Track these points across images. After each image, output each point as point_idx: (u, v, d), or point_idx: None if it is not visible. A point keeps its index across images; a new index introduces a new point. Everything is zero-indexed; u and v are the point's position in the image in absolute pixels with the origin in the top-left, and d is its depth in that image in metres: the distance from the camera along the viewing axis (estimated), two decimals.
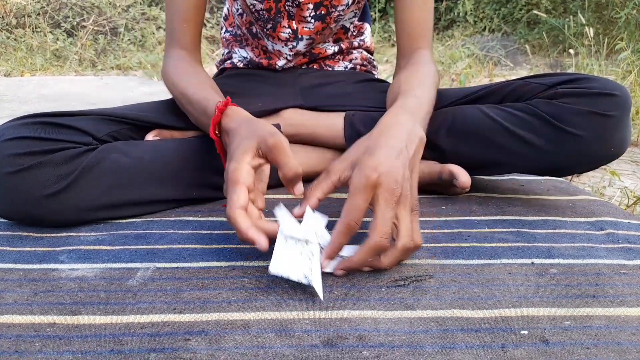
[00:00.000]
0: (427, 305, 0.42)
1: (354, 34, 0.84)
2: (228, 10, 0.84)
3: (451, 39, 3.17)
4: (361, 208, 0.45)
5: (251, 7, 0.74)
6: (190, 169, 0.62)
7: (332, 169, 0.49)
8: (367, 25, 0.86)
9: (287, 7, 0.73)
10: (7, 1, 3.27)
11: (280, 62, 0.79)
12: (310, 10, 0.74)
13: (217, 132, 0.54)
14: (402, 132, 0.49)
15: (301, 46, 0.77)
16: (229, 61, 0.85)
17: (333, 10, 0.74)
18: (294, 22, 0.75)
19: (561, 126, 0.59)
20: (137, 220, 0.59)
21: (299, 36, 0.75)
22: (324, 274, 0.46)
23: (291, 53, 0.78)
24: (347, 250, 0.48)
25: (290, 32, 0.75)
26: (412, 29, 0.70)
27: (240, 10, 0.79)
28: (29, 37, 3.04)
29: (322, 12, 0.74)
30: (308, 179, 0.73)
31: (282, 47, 0.77)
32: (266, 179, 0.51)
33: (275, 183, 0.62)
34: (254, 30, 0.79)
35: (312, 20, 0.74)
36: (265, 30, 0.76)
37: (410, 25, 0.70)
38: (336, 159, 0.50)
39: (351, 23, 0.82)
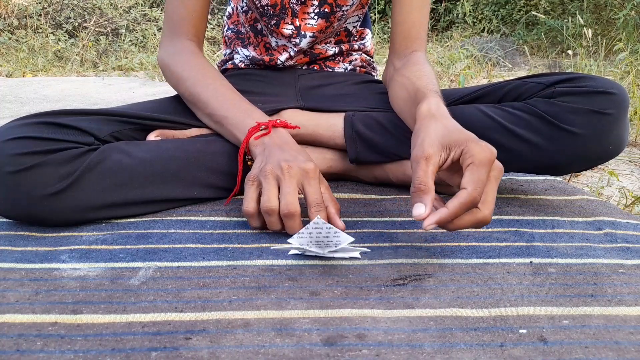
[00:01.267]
0: (426, 304, 0.43)
1: (355, 38, 0.85)
2: (232, 9, 0.85)
3: (450, 40, 3.17)
4: (485, 181, 0.45)
5: (256, 2, 0.74)
6: (192, 169, 0.62)
7: (428, 156, 0.46)
8: (367, 31, 0.87)
9: (291, 4, 0.74)
10: (8, 2, 3.27)
11: (282, 57, 0.79)
12: (314, 7, 0.74)
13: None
14: None
15: (304, 43, 0.77)
16: (230, 62, 0.85)
17: (338, 9, 0.75)
18: (297, 19, 0.75)
19: (559, 124, 0.59)
20: (139, 219, 0.60)
21: (302, 32, 0.76)
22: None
23: (295, 49, 0.78)
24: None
25: (294, 28, 0.76)
26: (409, 31, 0.71)
27: (245, 7, 0.79)
28: (30, 38, 3.05)
29: (326, 9, 0.74)
30: None
31: (286, 42, 0.78)
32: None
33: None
34: (259, 27, 0.80)
35: (316, 17, 0.75)
36: (269, 26, 0.77)
37: (408, 28, 0.71)
38: (416, 145, 0.48)
39: (354, 27, 0.82)
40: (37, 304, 0.42)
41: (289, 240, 0.48)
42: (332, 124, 0.70)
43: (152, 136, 0.65)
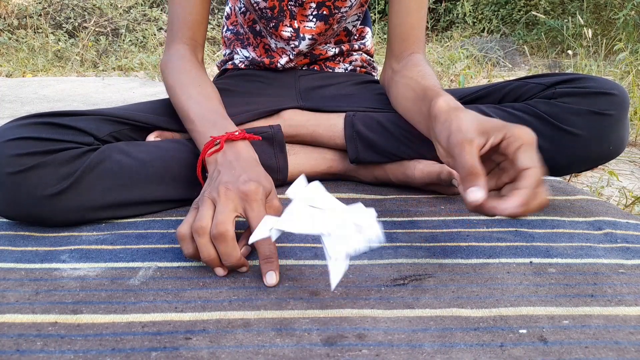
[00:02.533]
0: (426, 304, 0.43)
1: (356, 37, 0.85)
2: (230, 9, 0.85)
3: (450, 40, 3.17)
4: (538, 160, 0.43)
5: (254, 5, 0.74)
6: (192, 169, 0.62)
7: (471, 139, 0.44)
8: (368, 29, 0.87)
9: (289, 7, 0.74)
10: (8, 2, 3.28)
11: (282, 60, 0.79)
12: (312, 9, 0.74)
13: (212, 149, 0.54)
14: None
15: (303, 46, 0.77)
16: (230, 62, 0.85)
17: (336, 11, 0.75)
18: (295, 21, 0.75)
19: (560, 125, 0.60)
20: (139, 219, 0.60)
21: (301, 35, 0.76)
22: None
23: (294, 52, 0.78)
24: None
25: (292, 30, 0.76)
26: (407, 34, 0.70)
27: (243, 8, 0.79)
28: (30, 38, 3.05)
29: (325, 12, 0.74)
30: (309, 179, 0.73)
31: (285, 45, 0.78)
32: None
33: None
34: (258, 28, 0.79)
35: (314, 20, 0.75)
36: (268, 28, 0.77)
37: (406, 30, 0.70)
38: (452, 132, 0.46)
39: (354, 26, 0.82)
40: (37, 304, 0.42)
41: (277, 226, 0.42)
42: (332, 124, 0.70)
43: (151, 137, 0.65)
